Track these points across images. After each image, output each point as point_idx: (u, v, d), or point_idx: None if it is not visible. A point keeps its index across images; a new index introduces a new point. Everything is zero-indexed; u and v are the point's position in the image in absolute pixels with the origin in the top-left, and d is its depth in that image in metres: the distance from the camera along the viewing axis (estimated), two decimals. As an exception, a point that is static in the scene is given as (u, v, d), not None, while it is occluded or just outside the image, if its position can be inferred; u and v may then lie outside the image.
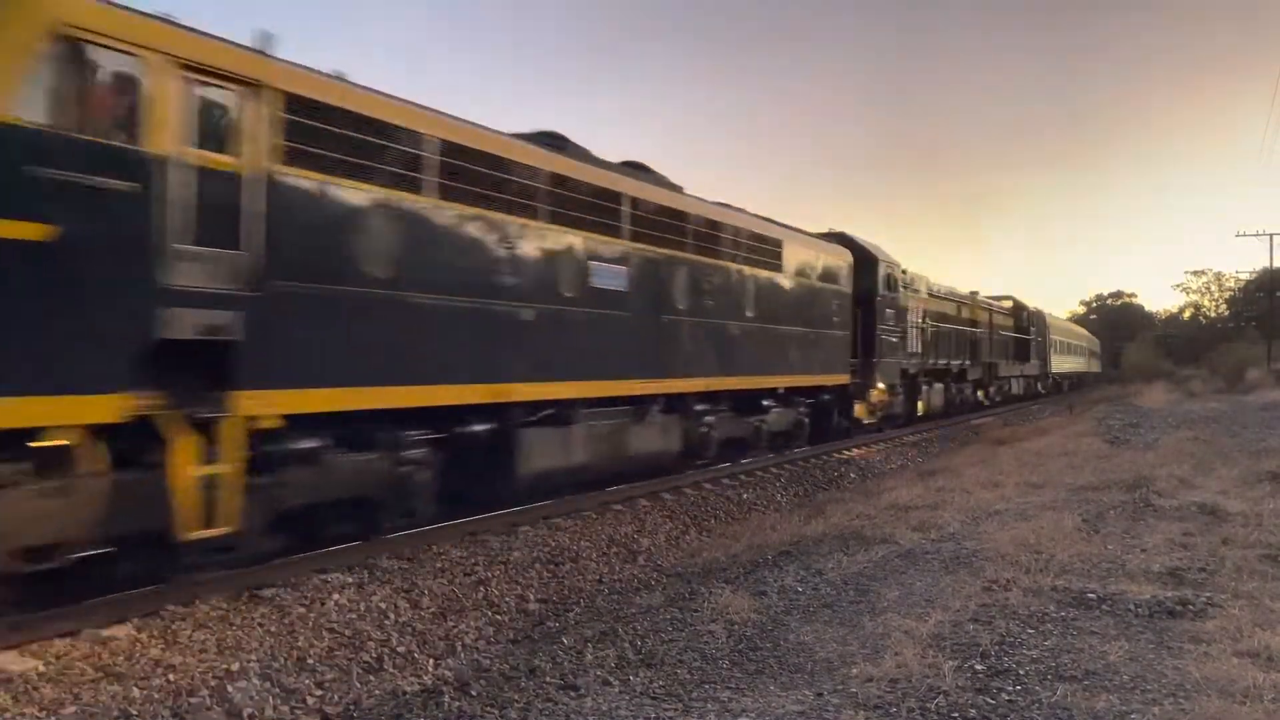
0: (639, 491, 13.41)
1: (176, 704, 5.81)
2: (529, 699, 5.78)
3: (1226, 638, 6.30)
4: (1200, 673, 5.67)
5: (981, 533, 10.05)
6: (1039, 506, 11.63)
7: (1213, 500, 11.61)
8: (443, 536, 10.11)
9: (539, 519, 11.36)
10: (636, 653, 6.64)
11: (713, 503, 13.71)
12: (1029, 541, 9.34)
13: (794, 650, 6.45)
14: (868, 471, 18.40)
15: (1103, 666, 5.88)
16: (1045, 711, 5.16)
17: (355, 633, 7.28)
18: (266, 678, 6.31)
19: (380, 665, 6.85)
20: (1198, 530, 10.02)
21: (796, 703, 5.43)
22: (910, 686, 5.52)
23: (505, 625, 8.04)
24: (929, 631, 6.54)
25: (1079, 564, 8.54)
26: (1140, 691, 5.46)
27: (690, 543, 11.59)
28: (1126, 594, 7.42)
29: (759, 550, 10.32)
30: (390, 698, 6.25)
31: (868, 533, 10.44)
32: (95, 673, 6.05)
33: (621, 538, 11.15)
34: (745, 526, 12.41)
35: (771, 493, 15.12)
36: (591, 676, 6.16)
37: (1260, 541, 9.29)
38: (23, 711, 5.44)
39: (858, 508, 12.53)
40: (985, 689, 5.49)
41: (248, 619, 7.17)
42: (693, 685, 5.88)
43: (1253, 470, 14.47)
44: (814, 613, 7.38)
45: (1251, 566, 8.29)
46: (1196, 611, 7.02)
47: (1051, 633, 6.57)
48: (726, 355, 15.20)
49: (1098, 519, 10.73)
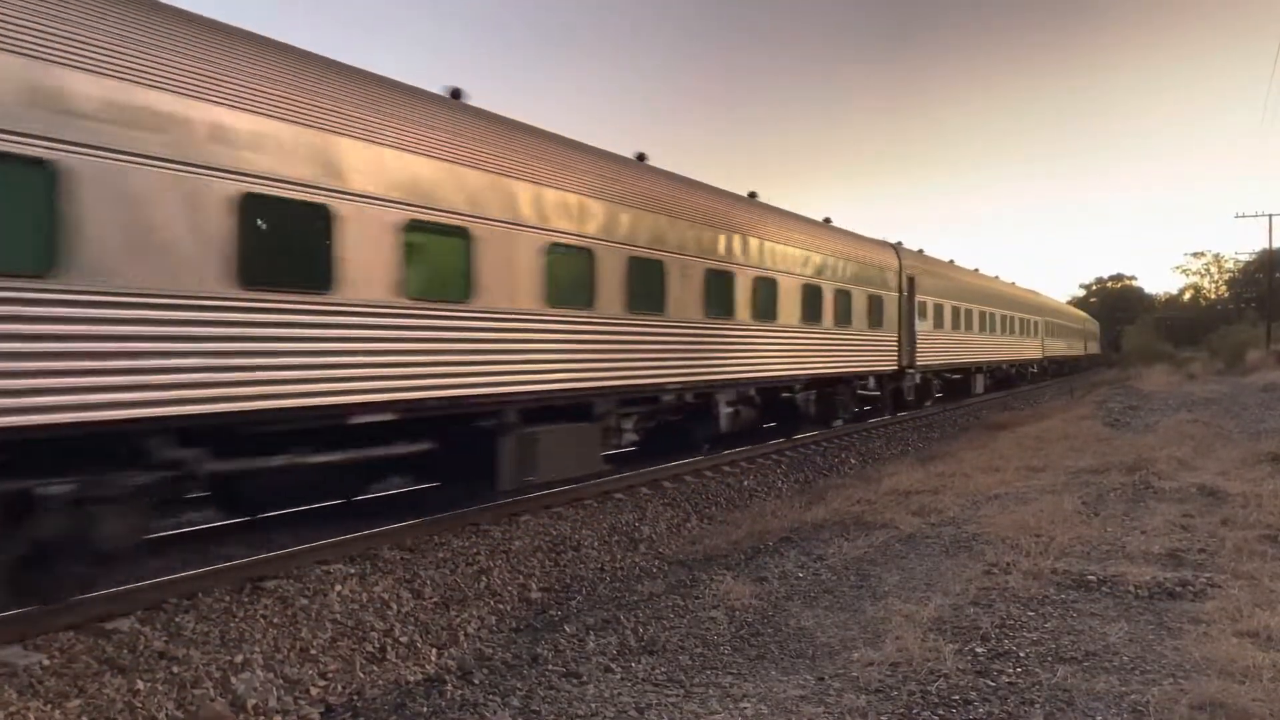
0: (640, 480, 13.44)
1: (181, 696, 5.84)
2: (531, 687, 5.81)
3: (1226, 618, 6.33)
4: (1200, 653, 5.70)
5: (982, 517, 10.07)
6: (1039, 490, 11.66)
7: (1212, 482, 11.64)
8: (444, 527, 10.13)
9: (540, 508, 11.39)
10: (638, 640, 6.66)
11: (714, 490, 13.73)
12: (1029, 525, 9.36)
13: (795, 635, 6.48)
14: (868, 457, 18.42)
15: (1103, 648, 5.91)
16: (1045, 693, 5.18)
17: (358, 623, 7.30)
18: (270, 669, 6.33)
19: (383, 655, 6.88)
20: (1197, 512, 10.04)
21: (798, 687, 5.45)
22: (911, 670, 5.55)
23: (507, 614, 8.06)
24: (929, 615, 6.57)
25: (1079, 547, 8.56)
26: (1140, 672, 5.49)
27: (691, 530, 11.62)
28: (1126, 576, 7.45)
29: (760, 537, 10.35)
30: (394, 687, 6.28)
31: (868, 518, 10.47)
32: (99, 665, 6.08)
33: (623, 526, 11.17)
34: (746, 513, 12.43)
35: (773, 479, 15.14)
36: (594, 664, 6.19)
37: (1260, 522, 9.32)
38: (28, 704, 5.47)
39: (858, 493, 12.55)
40: (986, 671, 5.52)
41: (250, 611, 7.20)
42: (694, 671, 5.90)
43: (1253, 451, 14.49)
44: (815, 598, 7.40)
45: (1251, 547, 8.32)
46: (1196, 592, 7.04)
47: (1051, 615, 6.60)
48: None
49: (1098, 502, 10.75)
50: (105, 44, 6.64)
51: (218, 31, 7.69)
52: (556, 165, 11.31)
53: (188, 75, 7.17)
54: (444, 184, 9.42)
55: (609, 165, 12.59)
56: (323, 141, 8.20)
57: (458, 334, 9.59)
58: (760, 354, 16.08)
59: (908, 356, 23.19)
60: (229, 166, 7.39)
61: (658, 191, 13.54)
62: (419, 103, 9.57)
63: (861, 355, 20.42)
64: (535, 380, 10.67)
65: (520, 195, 10.47)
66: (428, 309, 9.21)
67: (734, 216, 15.62)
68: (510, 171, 10.36)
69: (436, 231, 9.36)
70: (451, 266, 9.61)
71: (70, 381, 6.33)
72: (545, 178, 10.97)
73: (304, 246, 8.07)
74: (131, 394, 6.69)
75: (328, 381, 8.17)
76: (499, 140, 10.44)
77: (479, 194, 9.86)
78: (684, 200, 14.20)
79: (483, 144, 10.11)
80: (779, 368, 16.81)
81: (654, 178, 13.86)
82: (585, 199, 11.62)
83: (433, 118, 9.57)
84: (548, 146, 11.36)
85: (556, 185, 11.14)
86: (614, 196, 12.25)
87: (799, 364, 17.53)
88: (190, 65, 7.21)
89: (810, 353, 17.96)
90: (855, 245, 20.82)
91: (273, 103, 7.81)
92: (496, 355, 10.05)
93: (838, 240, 20.06)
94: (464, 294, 9.68)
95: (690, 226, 14.04)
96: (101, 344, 6.53)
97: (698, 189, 15.03)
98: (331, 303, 8.20)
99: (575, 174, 11.56)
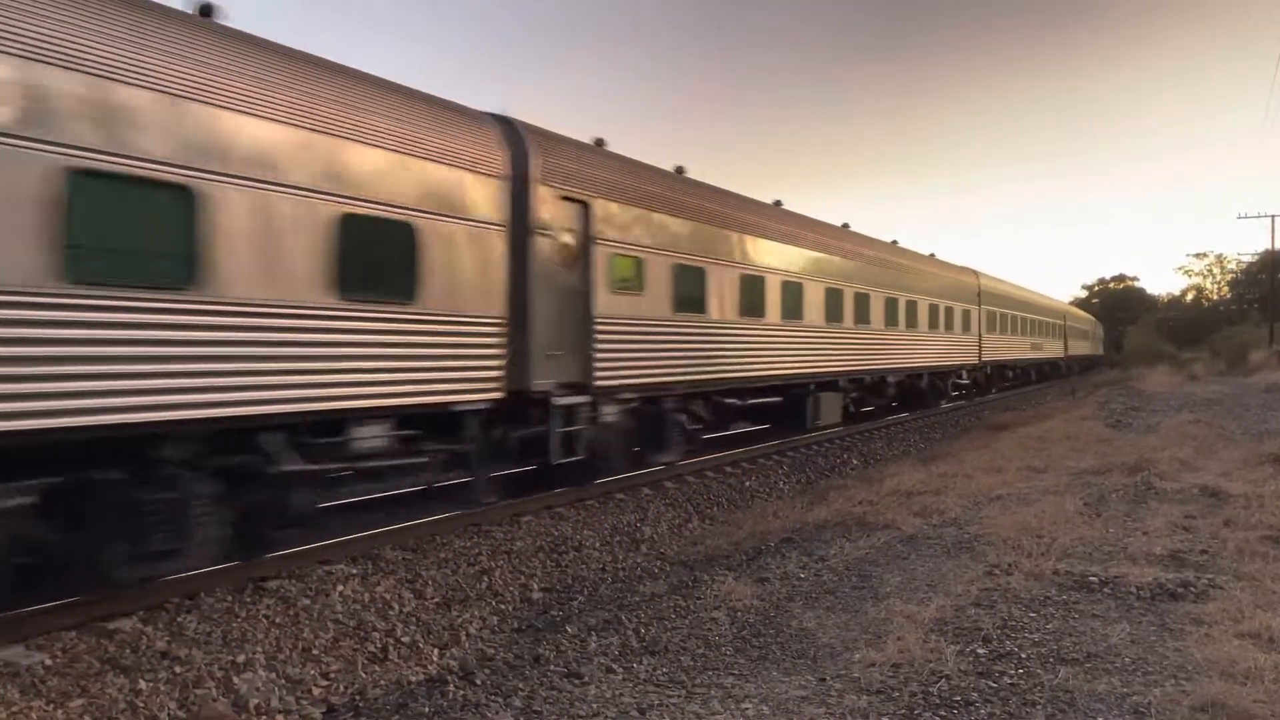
0: (642, 480, 13.44)
1: (183, 696, 5.85)
2: (533, 687, 5.81)
3: (1228, 619, 6.32)
4: (1202, 654, 5.69)
5: (983, 517, 10.07)
6: (1041, 491, 11.65)
7: (1214, 483, 11.63)
8: (446, 527, 10.14)
9: (542, 509, 11.39)
10: (640, 640, 6.67)
11: (715, 490, 13.73)
12: (1031, 526, 9.36)
13: (797, 636, 6.48)
14: (870, 458, 18.42)
15: (1104, 649, 5.91)
16: (1047, 694, 5.18)
17: (360, 623, 7.31)
18: (272, 669, 6.34)
19: (385, 655, 6.88)
20: (1199, 513, 10.03)
21: (799, 688, 5.45)
22: (913, 671, 5.55)
23: (509, 614, 8.07)
24: (931, 616, 6.57)
25: (1081, 547, 8.56)
26: (1142, 673, 5.48)
27: (693, 531, 11.62)
28: (1128, 577, 7.44)
29: (761, 537, 10.35)
30: (396, 687, 6.29)
31: (870, 519, 10.47)
32: (102, 665, 6.09)
33: (624, 526, 11.17)
34: (748, 514, 12.43)
35: (774, 480, 15.14)
36: (595, 664, 6.19)
37: (1262, 523, 9.30)
38: (31, 704, 5.48)
39: (860, 494, 12.55)
40: (987, 672, 5.51)
41: (253, 611, 7.20)
42: (696, 672, 5.90)
43: (1255, 452, 14.48)
44: (816, 599, 7.40)
45: (1253, 548, 8.31)
46: (1198, 594, 7.04)
47: (1053, 616, 6.59)
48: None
49: (1099, 502, 10.74)
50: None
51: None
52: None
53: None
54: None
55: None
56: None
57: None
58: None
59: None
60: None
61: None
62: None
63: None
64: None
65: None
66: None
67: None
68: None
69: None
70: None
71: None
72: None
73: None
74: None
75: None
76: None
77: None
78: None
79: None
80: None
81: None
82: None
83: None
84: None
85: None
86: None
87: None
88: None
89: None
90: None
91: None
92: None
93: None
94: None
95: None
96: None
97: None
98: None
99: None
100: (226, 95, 7.31)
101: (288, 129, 7.76)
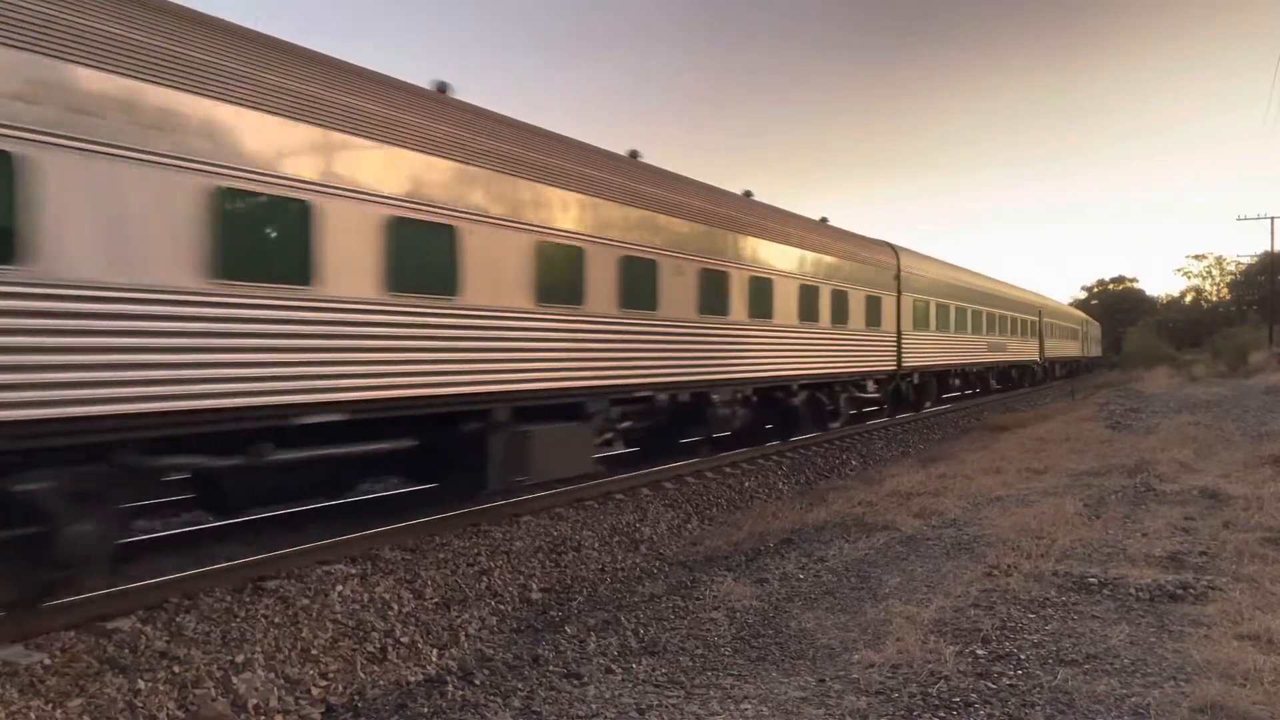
0: (641, 481, 13.45)
1: (182, 696, 5.84)
2: (532, 687, 5.81)
3: (1227, 621, 6.32)
4: (1201, 656, 5.69)
5: (983, 518, 10.07)
6: (1040, 492, 11.65)
7: (1214, 484, 11.63)
8: (445, 527, 10.14)
9: (541, 509, 11.39)
10: (639, 641, 6.67)
11: (714, 491, 13.72)
12: (1030, 527, 9.36)
13: (796, 637, 6.48)
14: (869, 459, 18.42)
15: (1104, 650, 5.90)
16: (1046, 695, 5.18)
17: (359, 623, 7.31)
18: (271, 669, 6.34)
19: (384, 655, 6.88)
20: (1199, 514, 10.03)
21: (799, 689, 5.45)
22: (912, 672, 5.55)
23: (508, 615, 8.07)
24: (930, 617, 6.57)
25: (1080, 549, 8.56)
26: (1141, 675, 5.48)
27: (692, 531, 11.62)
28: (1128, 578, 7.44)
29: (761, 538, 10.36)
30: (395, 687, 6.29)
31: (869, 519, 10.47)
32: (101, 665, 6.08)
33: (624, 527, 11.17)
34: (747, 514, 12.43)
35: (773, 481, 15.14)
36: (594, 665, 6.19)
37: (1261, 525, 9.31)
38: (29, 704, 5.47)
39: (859, 495, 12.55)
40: (986, 674, 5.51)
41: (252, 611, 7.20)
42: (695, 672, 5.90)
43: (1254, 454, 14.48)
44: (816, 600, 7.40)
45: (1252, 550, 8.31)
46: (1197, 595, 7.04)
47: (1053, 617, 6.59)
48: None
49: (1099, 504, 10.74)
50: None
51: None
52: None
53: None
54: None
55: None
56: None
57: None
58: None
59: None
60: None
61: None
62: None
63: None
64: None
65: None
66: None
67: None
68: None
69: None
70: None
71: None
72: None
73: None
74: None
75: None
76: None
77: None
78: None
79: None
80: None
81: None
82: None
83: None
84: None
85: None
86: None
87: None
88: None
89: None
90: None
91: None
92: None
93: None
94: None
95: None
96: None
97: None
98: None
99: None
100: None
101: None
